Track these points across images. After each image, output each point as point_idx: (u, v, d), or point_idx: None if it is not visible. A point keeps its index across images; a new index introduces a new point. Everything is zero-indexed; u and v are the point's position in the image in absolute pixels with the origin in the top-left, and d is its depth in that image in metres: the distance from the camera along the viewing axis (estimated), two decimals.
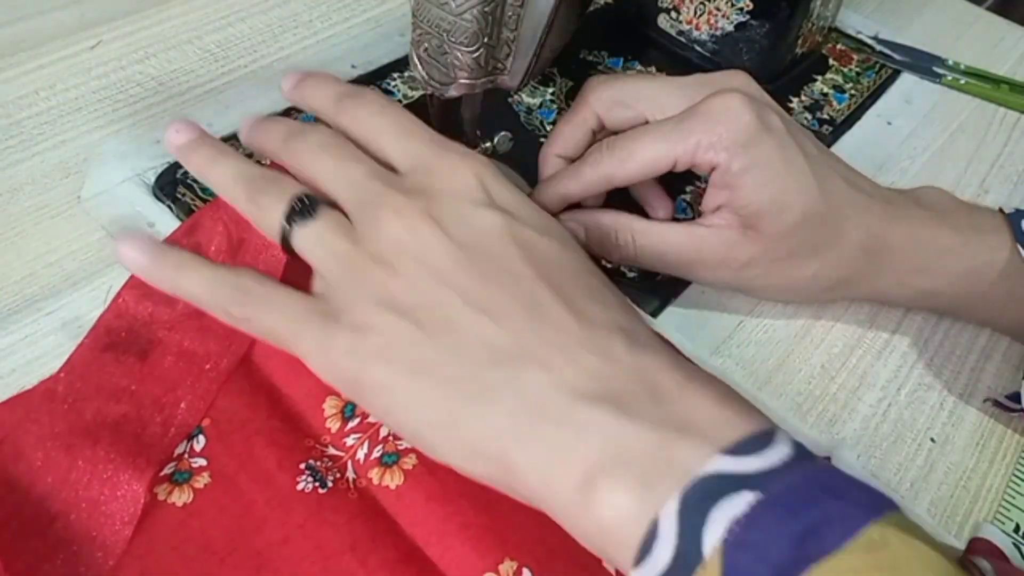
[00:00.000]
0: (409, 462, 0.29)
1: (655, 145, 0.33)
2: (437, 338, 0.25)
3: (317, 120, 0.32)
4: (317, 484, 0.29)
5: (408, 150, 0.29)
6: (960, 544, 0.32)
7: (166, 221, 0.37)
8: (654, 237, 0.35)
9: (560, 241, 0.28)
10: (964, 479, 0.34)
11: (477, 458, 0.25)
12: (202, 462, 0.29)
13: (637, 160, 0.33)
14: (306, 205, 0.28)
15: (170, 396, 0.29)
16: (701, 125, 0.33)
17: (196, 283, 0.27)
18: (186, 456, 0.29)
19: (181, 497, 0.28)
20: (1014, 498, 0.34)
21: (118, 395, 0.29)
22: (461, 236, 0.26)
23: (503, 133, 0.37)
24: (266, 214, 0.28)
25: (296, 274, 0.29)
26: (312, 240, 0.27)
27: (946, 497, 0.33)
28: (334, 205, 0.28)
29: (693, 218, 0.42)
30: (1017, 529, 0.33)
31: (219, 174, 0.30)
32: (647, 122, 0.36)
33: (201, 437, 0.29)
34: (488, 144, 0.37)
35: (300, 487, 0.28)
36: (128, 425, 0.28)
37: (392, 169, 0.29)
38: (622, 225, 0.35)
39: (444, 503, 0.29)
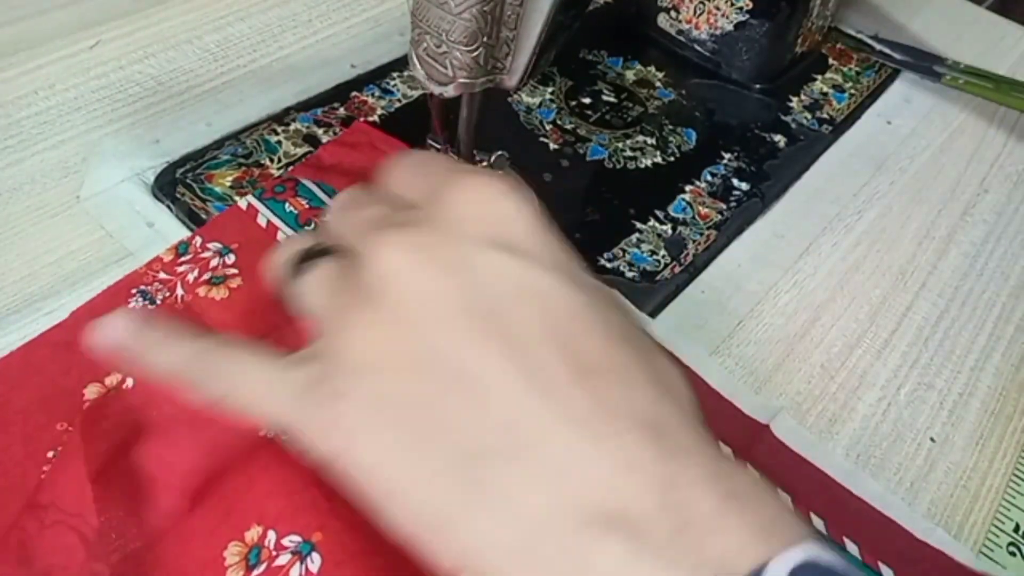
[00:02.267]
0: None
1: None
2: (420, 413, 0.20)
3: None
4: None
5: (422, 183, 0.25)
6: (960, 544, 0.32)
7: (165, 221, 0.37)
8: None
9: (589, 292, 0.22)
10: (964, 479, 0.34)
11: (465, 569, 0.20)
12: None
13: None
14: (308, 256, 0.24)
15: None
16: None
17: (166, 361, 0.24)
18: None
19: None
20: (1014, 498, 0.34)
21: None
22: (463, 279, 0.21)
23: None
24: (274, 275, 0.25)
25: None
26: (306, 289, 0.24)
27: (946, 497, 0.33)
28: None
29: (694, 218, 0.42)
30: (1017, 529, 0.33)
31: None
32: None
33: None
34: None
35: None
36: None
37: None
38: None
39: None
